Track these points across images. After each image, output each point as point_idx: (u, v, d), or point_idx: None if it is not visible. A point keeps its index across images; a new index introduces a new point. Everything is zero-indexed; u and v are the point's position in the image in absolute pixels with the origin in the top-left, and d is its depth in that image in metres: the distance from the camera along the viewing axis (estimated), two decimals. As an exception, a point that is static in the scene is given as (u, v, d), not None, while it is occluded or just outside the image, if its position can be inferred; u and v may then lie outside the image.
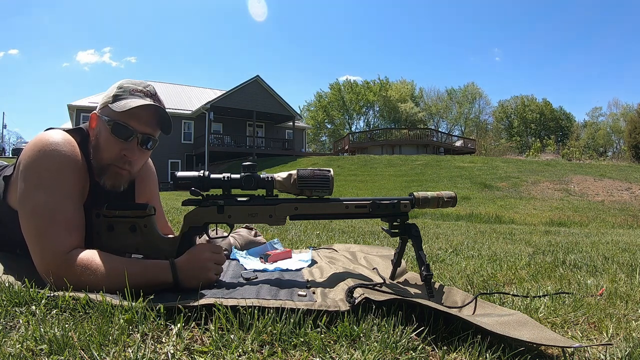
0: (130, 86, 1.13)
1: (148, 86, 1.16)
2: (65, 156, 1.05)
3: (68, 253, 0.98)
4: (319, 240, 2.58)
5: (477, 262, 1.93)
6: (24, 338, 0.71)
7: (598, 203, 9.38)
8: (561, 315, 1.07)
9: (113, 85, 1.16)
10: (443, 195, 1.20)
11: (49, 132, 1.08)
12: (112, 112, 1.09)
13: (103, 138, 1.11)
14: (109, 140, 1.10)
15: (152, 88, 1.17)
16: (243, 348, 0.72)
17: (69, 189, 1.04)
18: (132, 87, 1.13)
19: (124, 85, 1.14)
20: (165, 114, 1.15)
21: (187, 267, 1.02)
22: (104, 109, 1.12)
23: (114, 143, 1.10)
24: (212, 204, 1.12)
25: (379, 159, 17.47)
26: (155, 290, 0.96)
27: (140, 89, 1.14)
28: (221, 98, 21.74)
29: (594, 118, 45.68)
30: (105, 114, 1.11)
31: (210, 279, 1.04)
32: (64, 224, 1.00)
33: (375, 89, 44.23)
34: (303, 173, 1.11)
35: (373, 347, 0.75)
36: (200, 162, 22.15)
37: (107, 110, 1.11)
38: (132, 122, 1.10)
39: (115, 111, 1.08)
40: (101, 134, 1.11)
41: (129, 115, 1.08)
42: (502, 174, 12.62)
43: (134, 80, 1.16)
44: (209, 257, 1.05)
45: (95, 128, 1.14)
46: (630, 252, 2.44)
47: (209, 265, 1.04)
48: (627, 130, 28.60)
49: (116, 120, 1.09)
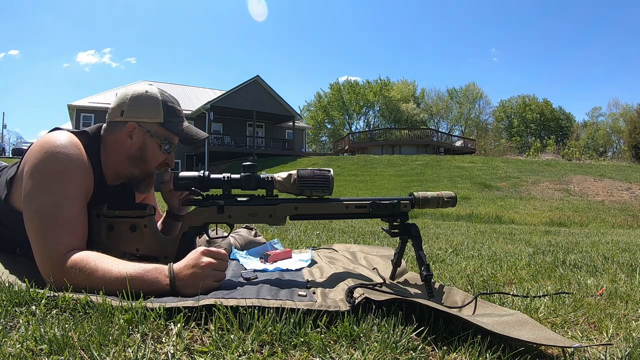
0: (174, 105, 1.21)
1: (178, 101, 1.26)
2: (71, 158, 1.05)
3: (65, 254, 0.97)
4: (319, 240, 2.58)
5: (477, 262, 1.93)
6: (24, 338, 0.71)
7: (598, 203, 9.38)
8: (561, 315, 1.07)
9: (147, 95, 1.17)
10: (443, 195, 1.20)
11: (56, 134, 1.09)
12: (167, 133, 1.18)
13: (152, 153, 1.18)
14: (157, 155, 1.19)
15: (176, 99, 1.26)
16: (243, 348, 0.72)
17: (74, 190, 1.04)
18: (175, 107, 1.21)
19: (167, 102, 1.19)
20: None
21: (185, 274, 0.98)
22: (152, 125, 1.16)
23: (161, 157, 1.20)
24: (212, 204, 1.12)
25: (379, 159, 17.47)
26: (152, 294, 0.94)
27: (179, 109, 1.23)
28: (221, 98, 21.74)
29: (593, 118, 45.75)
30: (155, 131, 1.16)
31: (208, 287, 0.99)
32: (67, 225, 1.00)
33: (376, 88, 44.22)
34: (303, 173, 1.11)
35: (373, 347, 0.75)
36: (200, 162, 22.15)
37: (156, 127, 1.16)
38: (175, 138, 1.21)
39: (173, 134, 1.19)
40: (148, 148, 1.17)
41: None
42: (502, 174, 12.63)
43: (165, 92, 1.22)
44: (207, 264, 1.00)
45: (132, 139, 1.16)
46: (630, 252, 2.44)
47: (207, 272, 0.99)
48: (627, 130, 28.63)
49: (169, 140, 1.19)
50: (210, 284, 1.00)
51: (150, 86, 1.20)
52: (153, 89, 1.19)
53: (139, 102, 1.16)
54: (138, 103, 1.15)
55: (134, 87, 1.19)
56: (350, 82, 45.22)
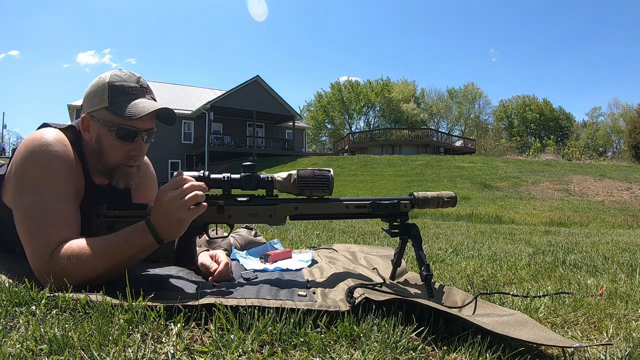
0: (123, 84, 1.07)
1: (139, 79, 1.11)
2: (57, 156, 1.02)
3: (52, 251, 0.96)
4: (319, 240, 2.58)
5: (477, 262, 1.93)
6: (24, 338, 0.71)
7: (598, 203, 9.37)
8: (561, 315, 1.07)
9: (98, 81, 1.08)
10: (443, 195, 1.20)
11: (42, 132, 1.06)
12: (114, 118, 1.06)
13: (107, 143, 1.08)
14: (114, 145, 1.08)
15: (142, 79, 1.12)
16: (243, 348, 0.72)
17: (61, 188, 1.02)
18: (125, 84, 1.07)
19: (115, 82, 1.07)
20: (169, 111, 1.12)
21: (160, 220, 0.95)
22: (100, 112, 1.07)
23: (120, 146, 1.09)
24: (212, 204, 1.12)
25: (379, 159, 17.47)
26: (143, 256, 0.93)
27: (134, 85, 1.09)
28: (221, 98, 21.74)
29: (593, 118, 45.77)
30: (103, 117, 1.07)
31: (182, 218, 0.94)
32: (56, 223, 0.98)
33: (377, 89, 44.20)
34: (303, 173, 1.11)
35: (373, 347, 0.75)
36: (200, 162, 22.15)
37: (104, 114, 1.07)
38: (137, 123, 1.08)
39: (118, 117, 1.05)
40: (103, 138, 1.08)
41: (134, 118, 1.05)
42: (502, 174, 12.62)
43: (120, 73, 1.10)
44: (172, 197, 0.94)
45: (90, 132, 1.09)
46: (630, 252, 2.44)
47: (176, 204, 0.93)
48: (627, 130, 28.64)
49: (120, 125, 1.07)
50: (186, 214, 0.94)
51: (107, 71, 1.10)
52: (105, 73, 1.09)
53: (90, 91, 1.09)
54: (88, 93, 1.09)
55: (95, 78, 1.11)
56: (351, 82, 45.23)
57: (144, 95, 1.10)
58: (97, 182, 1.16)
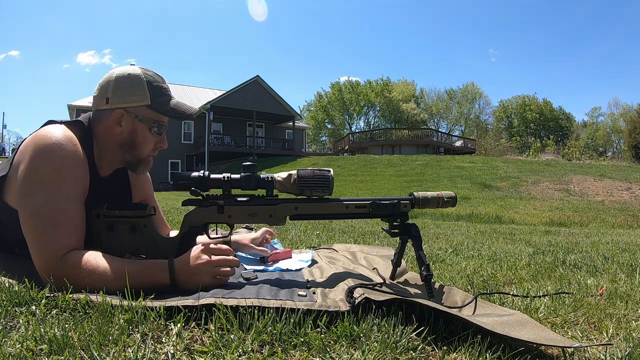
0: (159, 84, 1.16)
1: (164, 79, 1.20)
2: (67, 155, 1.02)
3: (64, 254, 0.96)
4: (319, 240, 2.58)
5: (477, 262, 1.93)
6: (24, 338, 0.71)
7: (598, 203, 9.37)
8: (561, 315, 1.07)
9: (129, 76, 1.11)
10: (443, 195, 1.20)
11: (49, 129, 1.05)
12: (155, 115, 1.14)
13: (143, 137, 1.15)
14: (148, 139, 1.16)
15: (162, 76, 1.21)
16: (243, 348, 0.72)
17: (70, 188, 1.02)
18: (159, 85, 1.16)
19: (152, 82, 1.14)
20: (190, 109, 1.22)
21: (185, 270, 0.99)
22: (139, 109, 1.12)
23: (153, 140, 1.18)
24: (212, 204, 1.12)
25: (379, 159, 17.47)
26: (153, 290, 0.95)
27: (166, 86, 1.18)
28: (221, 98, 21.74)
29: (593, 118, 45.77)
30: (143, 114, 1.13)
31: (207, 283, 0.99)
32: (65, 225, 0.99)
33: (378, 89, 44.18)
34: (303, 173, 1.11)
35: (373, 347, 0.75)
36: (200, 162, 22.15)
37: (144, 111, 1.13)
38: (165, 118, 1.19)
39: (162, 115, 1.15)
40: (139, 133, 1.14)
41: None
42: (502, 174, 12.62)
43: (149, 72, 1.16)
44: (205, 262, 1.00)
45: (122, 126, 1.12)
46: (630, 252, 2.44)
47: (206, 269, 0.99)
48: (627, 130, 28.64)
49: (159, 122, 1.16)
50: (209, 280, 1.00)
51: (132, 67, 1.14)
52: (135, 70, 1.13)
53: (123, 86, 1.11)
54: (122, 88, 1.11)
55: (117, 71, 1.13)
56: (351, 82, 45.21)
57: (172, 96, 1.20)
58: (102, 175, 1.18)
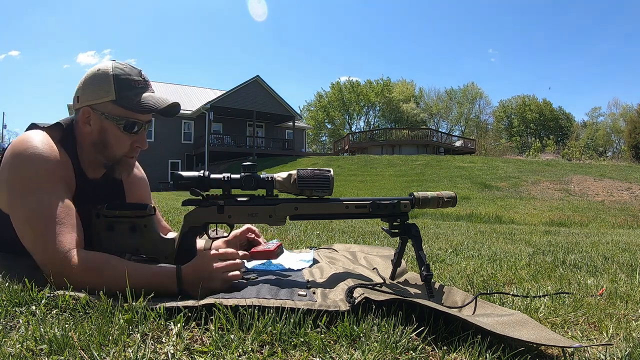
0: (128, 77, 1.08)
1: (141, 72, 1.12)
2: (44, 157, 1.01)
3: (68, 252, 0.96)
4: (319, 240, 2.58)
5: (477, 262, 1.93)
6: (24, 338, 0.71)
7: (598, 203, 9.37)
8: (561, 315, 1.07)
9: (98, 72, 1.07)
10: (443, 195, 1.20)
11: (26, 135, 1.05)
12: (122, 111, 1.07)
13: (112, 135, 1.09)
14: (120, 138, 1.10)
15: (143, 72, 1.13)
16: (243, 348, 0.72)
17: (55, 188, 1.01)
18: (130, 77, 1.08)
19: (120, 75, 1.07)
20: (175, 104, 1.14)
21: (193, 278, 0.98)
22: (105, 105, 1.07)
23: (125, 139, 1.11)
24: (212, 204, 1.12)
25: (379, 159, 17.47)
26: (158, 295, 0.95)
27: (139, 79, 1.10)
28: (221, 98, 21.74)
29: (593, 118, 45.77)
30: (109, 111, 1.07)
31: (218, 289, 0.98)
32: (61, 222, 0.98)
33: (377, 89, 44.18)
34: (303, 173, 1.11)
35: (373, 347, 0.75)
36: (200, 162, 22.15)
37: (110, 107, 1.07)
38: (141, 115, 1.11)
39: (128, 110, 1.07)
40: (108, 131, 1.09)
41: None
42: (502, 174, 12.63)
43: (121, 65, 1.09)
44: (217, 268, 0.99)
45: (91, 125, 1.09)
46: (630, 252, 2.44)
47: (216, 276, 0.99)
48: (627, 130, 28.65)
49: (128, 118, 1.09)
50: (220, 286, 0.99)
51: (105, 62, 1.09)
52: (105, 65, 1.08)
53: (89, 83, 1.08)
54: (88, 84, 1.08)
55: (92, 68, 1.10)
56: (351, 81, 45.19)
57: (147, 89, 1.12)
58: (90, 177, 1.15)
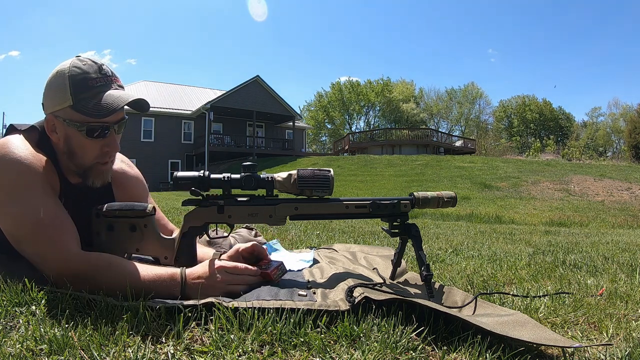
0: (85, 76, 0.98)
1: (102, 67, 1.02)
2: (22, 161, 0.97)
3: (70, 251, 0.96)
4: (319, 240, 2.58)
5: (477, 262, 1.93)
6: (24, 338, 0.71)
7: (598, 203, 9.37)
8: (561, 315, 1.07)
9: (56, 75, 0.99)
10: (443, 195, 1.20)
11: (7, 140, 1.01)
12: (81, 117, 0.99)
13: (77, 143, 1.02)
14: (85, 145, 1.02)
15: (105, 66, 1.03)
16: (243, 348, 0.72)
17: (40, 190, 0.98)
18: (87, 76, 0.98)
19: (76, 75, 0.98)
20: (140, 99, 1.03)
21: (196, 284, 0.97)
22: (65, 111, 0.99)
23: (92, 145, 1.03)
24: (212, 204, 1.12)
25: (379, 159, 17.47)
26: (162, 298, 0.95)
27: (97, 76, 1.00)
28: (221, 98, 21.75)
29: (593, 118, 45.77)
30: (69, 117, 0.99)
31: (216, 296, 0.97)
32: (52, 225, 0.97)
33: (377, 89, 44.17)
34: (303, 173, 1.11)
35: (373, 347, 0.75)
36: (200, 162, 22.15)
37: (69, 113, 0.99)
38: (107, 117, 1.01)
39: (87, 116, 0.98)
40: (72, 139, 1.02)
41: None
42: (502, 174, 12.63)
43: (79, 63, 1.00)
44: (222, 280, 0.99)
45: (57, 133, 1.03)
46: (630, 252, 2.44)
47: (219, 286, 0.98)
48: (627, 130, 28.65)
49: (90, 123, 1.00)
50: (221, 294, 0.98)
51: (64, 62, 1.00)
52: (63, 65, 1.00)
53: (49, 88, 1.01)
54: (48, 90, 1.01)
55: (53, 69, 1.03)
56: (351, 81, 45.19)
57: (110, 86, 1.01)
58: (73, 182, 1.11)
